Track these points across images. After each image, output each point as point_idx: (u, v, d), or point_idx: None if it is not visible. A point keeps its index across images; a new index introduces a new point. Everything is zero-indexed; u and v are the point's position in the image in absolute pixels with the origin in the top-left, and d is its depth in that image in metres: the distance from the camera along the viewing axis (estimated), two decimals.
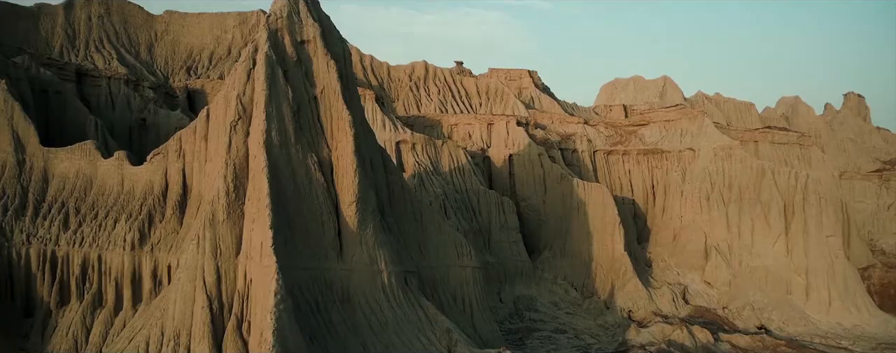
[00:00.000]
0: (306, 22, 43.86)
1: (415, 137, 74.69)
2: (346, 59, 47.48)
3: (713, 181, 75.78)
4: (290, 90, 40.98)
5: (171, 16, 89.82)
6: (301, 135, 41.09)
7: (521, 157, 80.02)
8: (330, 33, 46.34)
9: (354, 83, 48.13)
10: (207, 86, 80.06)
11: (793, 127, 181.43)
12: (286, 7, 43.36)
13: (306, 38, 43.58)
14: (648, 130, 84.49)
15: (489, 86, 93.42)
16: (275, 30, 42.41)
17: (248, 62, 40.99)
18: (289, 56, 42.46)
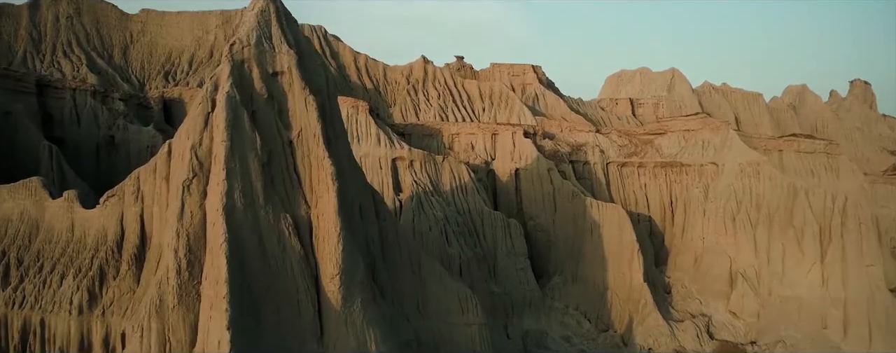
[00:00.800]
0: (280, 49, 35.43)
1: (413, 154, 66.42)
2: (329, 89, 39.10)
3: (739, 200, 67.69)
4: (259, 137, 32.67)
5: (147, 15, 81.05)
6: (272, 192, 32.85)
7: (528, 171, 71.83)
8: (309, 59, 37.90)
9: (340, 119, 39.76)
10: (186, 95, 71.56)
11: (800, 116, 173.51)
12: (255, 31, 34.90)
13: (280, 68, 35.16)
14: (666, 140, 76.19)
15: (493, 90, 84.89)
16: (240, 61, 33.98)
17: (206, 105, 32.66)
18: (257, 93, 34.09)
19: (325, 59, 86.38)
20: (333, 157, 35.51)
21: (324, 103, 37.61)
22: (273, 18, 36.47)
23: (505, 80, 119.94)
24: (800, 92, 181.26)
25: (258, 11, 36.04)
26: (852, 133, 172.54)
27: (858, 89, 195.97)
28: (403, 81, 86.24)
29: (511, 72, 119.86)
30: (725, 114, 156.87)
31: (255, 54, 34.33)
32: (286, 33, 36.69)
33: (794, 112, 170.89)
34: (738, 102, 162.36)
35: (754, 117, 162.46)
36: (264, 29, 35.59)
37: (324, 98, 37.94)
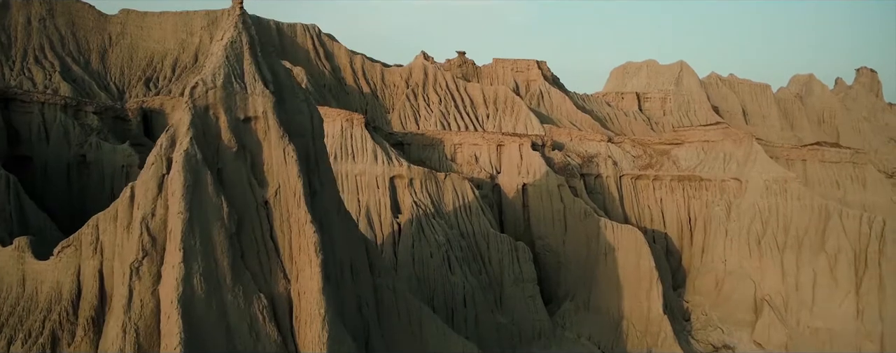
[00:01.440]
0: (253, 88, 29.03)
1: (412, 171, 60.16)
2: (314, 128, 32.75)
3: (765, 220, 61.57)
4: (226, 203, 26.42)
5: (127, 16, 74.25)
6: (242, 269, 26.67)
7: (536, 187, 65.60)
8: (290, 97, 31.53)
9: (327, 162, 33.47)
10: (167, 105, 65.06)
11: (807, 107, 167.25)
12: (223, 69, 28.49)
13: (253, 113, 28.82)
14: (683, 151, 69.86)
15: (497, 94, 78.38)
16: (203, 107, 27.62)
17: (159, 164, 26.37)
18: (225, 145, 27.76)
19: (318, 61, 79.79)
20: (318, 217, 29.33)
21: (307, 148, 31.35)
22: (245, 51, 30.04)
23: (508, 76, 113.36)
24: (806, 82, 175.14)
25: (227, 43, 29.60)
26: (859, 124, 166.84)
27: (865, 77, 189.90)
28: (402, 85, 79.67)
29: (515, 68, 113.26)
30: (732, 106, 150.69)
31: (221, 98, 27.96)
32: (261, 67, 30.28)
33: (802, 103, 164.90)
34: (746, 94, 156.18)
35: (762, 109, 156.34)
36: (234, 65, 29.17)
37: (307, 141, 31.66)
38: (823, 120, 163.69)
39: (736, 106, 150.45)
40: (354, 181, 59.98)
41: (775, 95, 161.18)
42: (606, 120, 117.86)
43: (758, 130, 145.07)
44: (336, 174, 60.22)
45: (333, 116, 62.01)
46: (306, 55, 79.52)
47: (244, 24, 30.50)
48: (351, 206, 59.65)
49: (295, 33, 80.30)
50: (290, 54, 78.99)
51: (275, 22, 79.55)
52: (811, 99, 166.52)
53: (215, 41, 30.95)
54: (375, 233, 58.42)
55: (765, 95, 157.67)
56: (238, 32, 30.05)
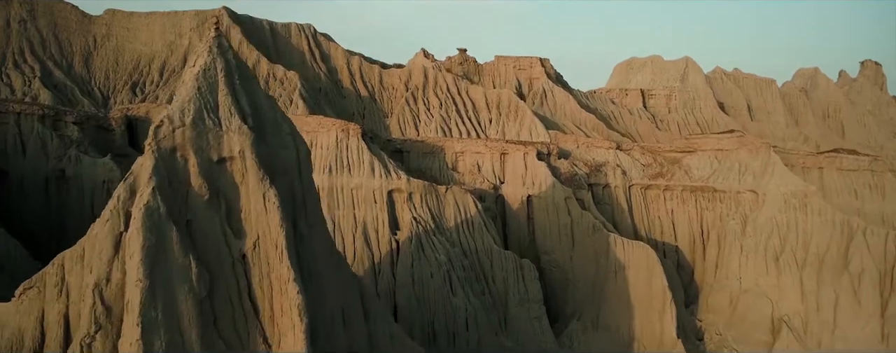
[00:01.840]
0: (229, 123, 25.06)
1: (411, 185, 56.21)
2: (301, 162, 28.78)
3: (783, 237, 57.75)
4: (194, 263, 22.53)
5: (113, 16, 70.02)
6: (214, 338, 22.85)
7: (542, 200, 61.72)
8: (273, 128, 27.55)
9: (315, 200, 29.51)
10: (153, 113, 60.98)
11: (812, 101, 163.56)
12: (193, 103, 24.51)
13: (228, 153, 24.87)
14: (696, 159, 65.89)
15: (500, 98, 74.27)
16: (169, 150, 23.65)
17: (116, 221, 22.44)
18: (195, 193, 23.82)
19: (314, 62, 75.62)
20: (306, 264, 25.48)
21: (293, 187, 27.40)
22: (220, 80, 26.01)
23: (510, 74, 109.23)
24: (812, 76, 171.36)
25: (199, 72, 25.58)
26: (864, 118, 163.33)
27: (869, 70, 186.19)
28: (401, 87, 75.54)
29: (517, 65, 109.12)
30: (737, 101, 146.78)
31: (191, 138, 23.98)
32: (239, 98, 26.27)
33: (807, 97, 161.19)
34: (751, 89, 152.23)
35: (767, 104, 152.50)
36: (207, 97, 25.15)
37: (293, 179, 27.70)
38: (828, 115, 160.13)
39: (741, 101, 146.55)
40: (350, 196, 56.07)
41: (780, 89, 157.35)
42: (610, 118, 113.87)
43: (763, 126, 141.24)
44: (331, 188, 56.35)
45: (328, 126, 58.00)
46: (301, 57, 75.35)
47: (220, 48, 26.44)
48: (347, 222, 55.83)
49: (289, 34, 76.12)
50: (284, 56, 74.85)
51: (268, 22, 75.34)
52: (816, 93, 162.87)
53: (187, 68, 26.89)
54: (372, 251, 54.62)
55: (770, 90, 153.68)
56: (212, 58, 26.01)
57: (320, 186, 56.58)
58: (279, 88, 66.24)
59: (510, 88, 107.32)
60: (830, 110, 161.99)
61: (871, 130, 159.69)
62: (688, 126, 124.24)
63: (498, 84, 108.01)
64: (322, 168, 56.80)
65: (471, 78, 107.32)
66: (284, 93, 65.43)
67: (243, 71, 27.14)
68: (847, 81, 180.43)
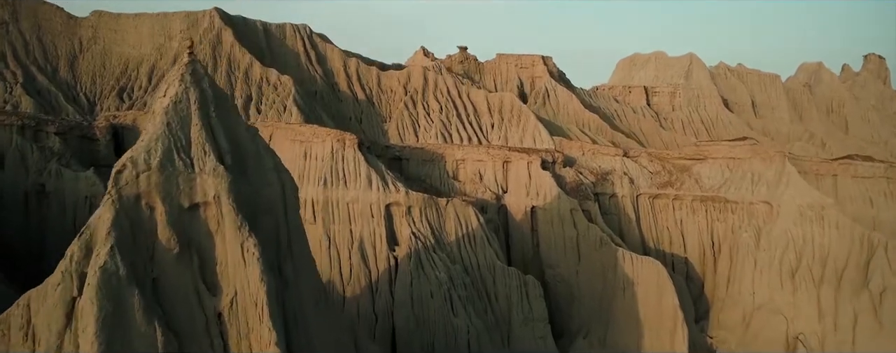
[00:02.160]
0: (202, 164, 21.94)
1: (410, 198, 53.13)
2: (288, 198, 25.71)
3: (799, 251, 54.75)
4: (160, 331, 19.52)
5: (100, 18, 66.65)
6: None
7: (547, 211, 58.68)
8: (256, 163, 24.46)
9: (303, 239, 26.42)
10: (141, 120, 57.81)
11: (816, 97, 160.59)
12: (161, 142, 21.40)
13: (202, 198, 21.77)
14: (706, 167, 62.78)
15: (503, 102, 71.05)
16: (132, 198, 20.55)
17: (68, 285, 19.37)
18: (162, 247, 20.75)
19: (309, 65, 72.34)
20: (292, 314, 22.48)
21: (278, 229, 24.32)
22: (194, 112, 22.85)
23: (512, 72, 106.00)
24: (815, 70, 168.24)
25: (169, 104, 22.43)
26: (868, 114, 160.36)
27: (873, 64, 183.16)
28: (400, 90, 72.29)
29: (519, 64, 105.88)
30: (741, 97, 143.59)
31: (158, 183, 20.87)
32: (215, 133, 23.14)
33: (811, 92, 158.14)
34: (755, 85, 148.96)
35: (771, 100, 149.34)
36: (178, 134, 22.01)
37: (278, 218, 24.60)
38: (832, 110, 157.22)
39: (745, 98, 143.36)
40: (346, 210, 52.99)
41: (784, 84, 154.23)
42: (614, 117, 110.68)
43: (767, 122, 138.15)
44: (325, 201, 53.26)
45: (323, 135, 54.86)
46: (296, 59, 72.04)
47: (193, 75, 23.27)
48: (342, 237, 52.81)
49: (284, 35, 72.76)
50: (278, 58, 71.54)
51: (262, 23, 71.97)
52: (820, 88, 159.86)
53: (156, 99, 23.72)
54: (369, 268, 51.61)
55: (774, 85, 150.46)
56: (184, 88, 22.85)
57: (315, 199, 53.56)
58: (272, 93, 63.01)
59: (512, 87, 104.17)
60: (834, 105, 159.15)
61: (875, 125, 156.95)
62: (692, 124, 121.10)
63: (499, 83, 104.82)
64: (317, 180, 53.73)
65: (472, 77, 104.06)
66: (278, 99, 62.20)
67: (221, 101, 23.98)
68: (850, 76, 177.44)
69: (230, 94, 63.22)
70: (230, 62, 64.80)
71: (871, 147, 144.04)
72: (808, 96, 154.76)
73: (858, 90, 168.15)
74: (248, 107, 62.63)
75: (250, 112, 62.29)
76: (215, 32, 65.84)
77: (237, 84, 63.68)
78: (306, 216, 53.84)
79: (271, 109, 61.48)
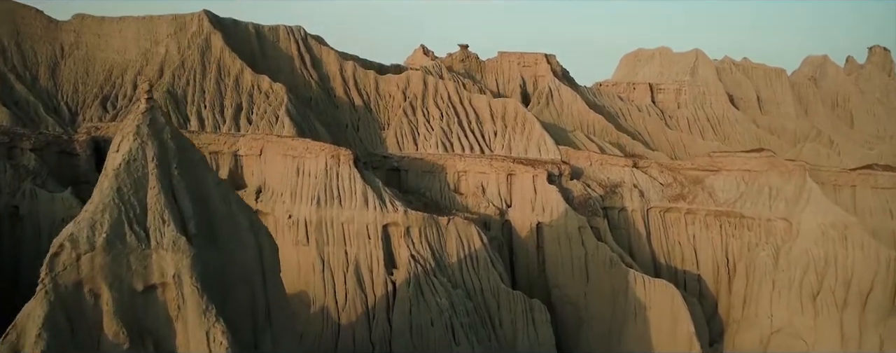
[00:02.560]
0: (159, 238, 18.31)
1: (409, 218, 49.46)
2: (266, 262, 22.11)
3: (820, 272, 51.18)
4: None
5: (82, 22, 62.61)
6: None
7: (553, 229, 55.06)
8: (227, 223, 20.86)
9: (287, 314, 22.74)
10: None
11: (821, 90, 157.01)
12: (108, 213, 17.72)
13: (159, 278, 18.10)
14: (720, 180, 59.09)
15: (506, 109, 67.20)
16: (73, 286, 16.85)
17: None
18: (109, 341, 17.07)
19: (303, 69, 68.40)
20: None
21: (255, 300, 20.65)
22: (151, 171, 19.11)
23: (515, 71, 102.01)
24: (821, 63, 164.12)
25: (121, 165, 18.67)
26: (874, 107, 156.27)
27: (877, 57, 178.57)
28: (399, 95, 68.40)
29: (521, 62, 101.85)
30: (747, 93, 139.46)
31: (104, 265, 17.21)
32: (177, 194, 19.43)
33: (816, 86, 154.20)
34: (760, 80, 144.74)
35: (776, 96, 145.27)
36: (130, 200, 18.29)
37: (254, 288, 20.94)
38: (837, 104, 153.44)
39: (750, 93, 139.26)
40: (341, 230, 49.39)
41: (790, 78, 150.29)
42: (618, 115, 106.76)
43: (773, 119, 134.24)
44: (319, 222, 49.56)
45: (316, 151, 51.09)
46: (289, 64, 68.06)
47: (152, 126, 19.52)
48: (337, 260, 49.25)
49: (277, 37, 68.73)
50: (271, 62, 67.59)
51: (254, 25, 67.89)
52: (825, 82, 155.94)
53: (109, 153, 19.97)
54: (366, 294, 48.10)
55: (779, 80, 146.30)
56: (140, 143, 19.10)
57: (308, 219, 49.93)
58: (264, 102, 59.14)
59: (514, 87, 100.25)
60: (839, 99, 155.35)
61: (881, 119, 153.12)
62: (698, 122, 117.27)
63: (501, 82, 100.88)
64: (309, 199, 50.05)
65: (473, 76, 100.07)
66: (270, 109, 58.37)
67: (185, 154, 20.22)
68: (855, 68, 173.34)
69: (219, 102, 59.37)
70: (220, 69, 60.85)
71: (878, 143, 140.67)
72: (813, 90, 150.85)
73: (863, 83, 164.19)
74: (239, 116, 58.79)
75: (241, 122, 58.47)
76: (204, 36, 61.83)
77: (227, 92, 59.79)
78: (299, 237, 50.26)
79: (263, 120, 57.67)
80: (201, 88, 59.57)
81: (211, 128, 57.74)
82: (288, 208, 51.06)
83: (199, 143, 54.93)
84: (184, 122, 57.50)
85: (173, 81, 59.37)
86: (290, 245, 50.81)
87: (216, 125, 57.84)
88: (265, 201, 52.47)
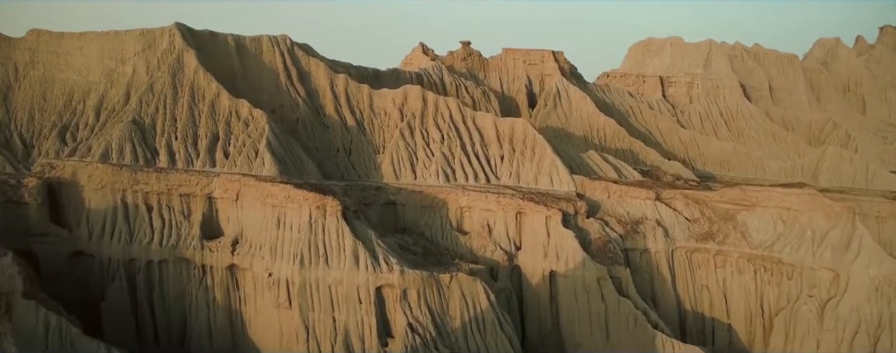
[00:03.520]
0: None
1: (406, 279, 41.99)
2: None
3: (874, 335, 43.87)
4: None
5: (39, 38, 54.22)
6: None
7: (569, 280, 47.56)
8: None
9: None
10: (82, 174, 46.12)
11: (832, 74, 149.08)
12: None
13: None
14: (755, 218, 51.37)
15: (514, 130, 59.06)
16: None
17: None
18: None
19: (289, 86, 60.19)
20: None
21: None
22: None
23: (520, 69, 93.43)
24: (832, 46, 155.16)
25: None
26: (886, 92, 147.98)
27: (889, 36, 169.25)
28: (395, 114, 60.22)
29: (527, 60, 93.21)
30: (759, 81, 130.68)
31: None
32: None
33: (827, 70, 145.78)
34: (772, 67, 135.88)
35: (788, 83, 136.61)
36: None
37: None
38: (849, 88, 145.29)
39: (762, 81, 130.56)
40: (328, 294, 41.98)
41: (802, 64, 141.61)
42: (628, 114, 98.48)
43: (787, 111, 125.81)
44: (303, 284, 42.08)
45: (299, 200, 43.32)
46: (274, 79, 59.74)
47: None
48: (324, 328, 41.92)
49: (260, 49, 60.28)
50: (254, 80, 59.33)
51: (234, 37, 59.31)
52: (836, 65, 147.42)
53: None
54: None
55: (792, 66, 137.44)
56: None
57: (290, 279, 42.45)
58: (243, 132, 51.11)
59: (520, 86, 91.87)
60: (851, 84, 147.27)
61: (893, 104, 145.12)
62: (711, 118, 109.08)
63: (506, 81, 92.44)
64: (291, 257, 42.52)
65: (475, 74, 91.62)
66: (249, 141, 50.35)
67: None
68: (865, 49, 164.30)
69: (192, 132, 51.31)
70: (193, 92, 52.62)
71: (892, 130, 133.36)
72: (825, 76, 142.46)
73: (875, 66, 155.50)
74: (214, 149, 50.78)
75: (216, 156, 50.47)
76: (176, 55, 53.47)
77: (201, 120, 51.69)
78: (280, 300, 42.82)
79: (241, 155, 49.70)
80: (172, 116, 51.46)
81: (183, 162, 49.80)
82: (267, 266, 43.56)
83: (169, 184, 47.22)
84: (152, 156, 49.56)
85: (140, 108, 51.23)
86: (271, 308, 43.46)
87: (188, 159, 49.89)
88: (242, 254, 44.95)
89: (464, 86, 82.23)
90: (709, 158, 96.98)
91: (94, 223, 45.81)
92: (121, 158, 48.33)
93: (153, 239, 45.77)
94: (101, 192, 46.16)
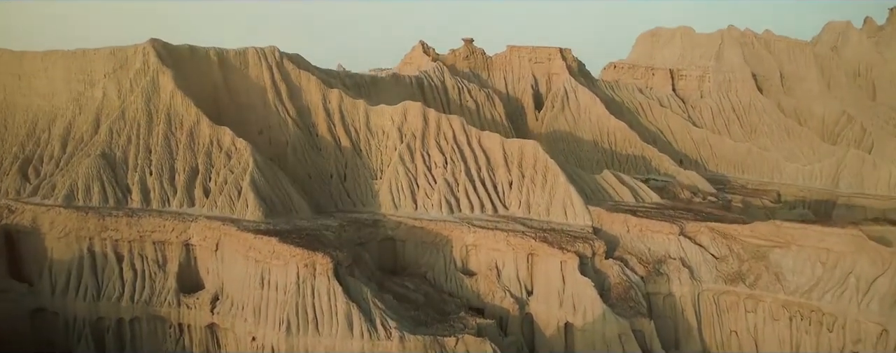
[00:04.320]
0: None
1: (406, 346, 36.32)
2: None
3: None
4: None
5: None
6: None
7: (587, 334, 41.94)
8: None
9: None
10: (42, 220, 40.18)
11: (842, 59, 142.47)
12: None
13: None
14: (790, 259, 45.55)
15: (524, 153, 52.93)
16: None
17: None
18: None
19: (278, 104, 53.90)
20: None
21: None
22: None
23: (526, 67, 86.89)
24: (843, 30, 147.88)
25: None
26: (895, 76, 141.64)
27: None
28: (394, 133, 54.03)
29: (533, 58, 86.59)
30: (769, 70, 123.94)
31: None
32: None
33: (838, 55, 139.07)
34: (783, 54, 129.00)
35: (799, 71, 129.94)
36: None
37: None
38: (859, 73, 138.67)
39: (773, 70, 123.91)
40: None
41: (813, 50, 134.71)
42: (639, 112, 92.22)
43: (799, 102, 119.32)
44: None
45: (286, 257, 37.48)
46: (262, 97, 53.45)
47: None
48: None
49: (245, 64, 53.85)
50: (239, 98, 53.05)
51: (217, 51, 52.79)
52: (846, 49, 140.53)
53: None
54: None
55: (803, 54, 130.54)
56: None
57: (275, 346, 36.82)
58: (224, 167, 45.02)
59: (525, 86, 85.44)
60: (861, 68, 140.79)
61: None
62: (723, 113, 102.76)
63: (511, 80, 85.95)
64: (277, 322, 36.81)
65: (479, 74, 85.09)
66: (231, 177, 44.30)
67: None
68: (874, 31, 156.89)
69: (168, 166, 45.20)
70: (170, 119, 46.38)
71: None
72: (836, 62, 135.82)
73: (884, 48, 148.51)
74: (193, 185, 44.75)
75: (195, 193, 44.47)
76: (150, 76, 47.09)
77: (178, 151, 45.56)
78: None
79: (222, 194, 43.69)
80: (146, 147, 45.33)
81: (158, 201, 43.83)
82: (251, 329, 37.88)
83: (141, 231, 41.40)
84: (123, 195, 43.56)
85: (111, 139, 45.10)
86: None
87: (164, 198, 43.90)
88: (223, 313, 39.25)
89: (467, 89, 75.86)
90: (722, 159, 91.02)
91: (57, 276, 40.11)
92: (88, 199, 42.38)
93: (124, 294, 40.10)
94: (64, 240, 40.35)
